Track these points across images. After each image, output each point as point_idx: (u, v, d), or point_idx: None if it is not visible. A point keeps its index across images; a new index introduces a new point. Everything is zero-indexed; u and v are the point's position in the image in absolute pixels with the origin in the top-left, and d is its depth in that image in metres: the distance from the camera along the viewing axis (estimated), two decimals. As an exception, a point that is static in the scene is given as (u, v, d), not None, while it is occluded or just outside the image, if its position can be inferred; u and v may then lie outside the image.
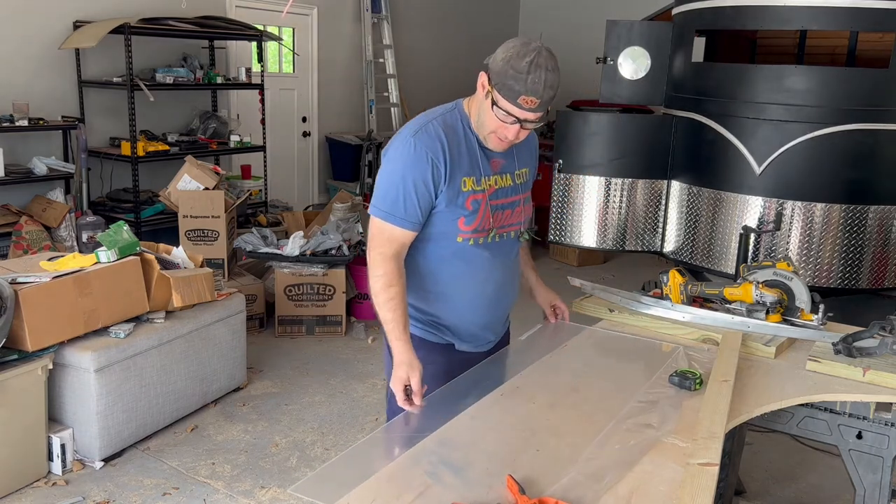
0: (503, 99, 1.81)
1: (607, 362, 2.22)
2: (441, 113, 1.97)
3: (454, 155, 1.92)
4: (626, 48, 4.14)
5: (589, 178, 4.17)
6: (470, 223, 1.97)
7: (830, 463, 3.36)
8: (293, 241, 4.76)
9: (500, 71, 1.79)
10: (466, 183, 1.94)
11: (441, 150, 1.90)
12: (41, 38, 5.06)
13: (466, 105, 1.99)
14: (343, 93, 7.62)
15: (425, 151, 1.88)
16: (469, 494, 1.44)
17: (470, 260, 2.00)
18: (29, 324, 2.96)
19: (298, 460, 3.37)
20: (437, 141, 1.90)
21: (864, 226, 3.63)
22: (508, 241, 2.10)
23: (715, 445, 1.60)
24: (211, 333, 3.72)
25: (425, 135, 1.90)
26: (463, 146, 1.94)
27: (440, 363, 2.05)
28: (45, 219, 4.80)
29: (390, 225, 1.91)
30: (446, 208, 1.93)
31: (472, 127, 1.96)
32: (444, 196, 1.92)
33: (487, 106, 1.86)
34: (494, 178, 2.01)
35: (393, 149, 1.94)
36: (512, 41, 1.83)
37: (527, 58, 1.77)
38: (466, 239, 1.98)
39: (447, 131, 1.92)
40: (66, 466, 3.19)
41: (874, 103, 3.54)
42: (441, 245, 1.99)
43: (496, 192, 2.01)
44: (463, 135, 1.95)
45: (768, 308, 2.35)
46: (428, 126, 1.92)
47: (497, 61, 1.81)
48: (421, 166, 1.88)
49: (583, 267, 6.82)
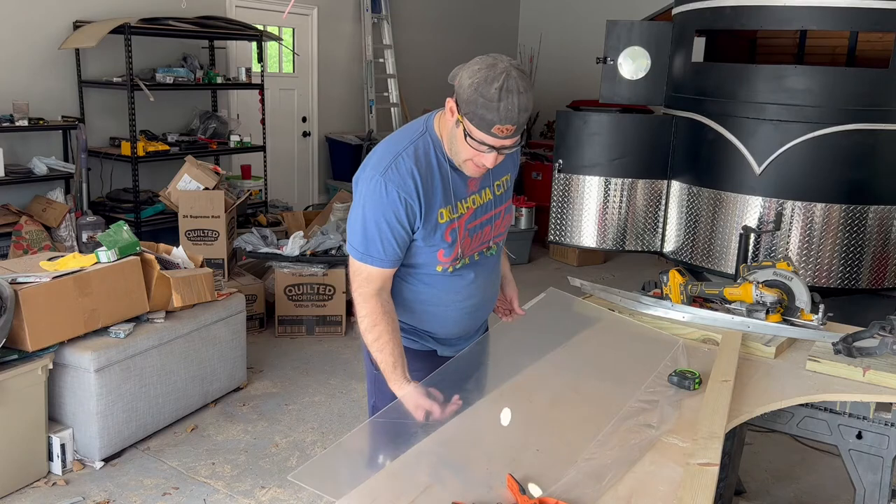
0: (476, 129, 1.67)
1: (607, 362, 2.22)
2: (411, 140, 1.82)
3: (428, 190, 1.80)
4: (626, 48, 4.14)
5: (589, 178, 4.17)
6: (449, 254, 1.89)
7: (830, 463, 3.36)
8: (293, 241, 4.76)
9: (469, 99, 1.65)
10: (443, 215, 1.84)
11: (414, 189, 1.78)
12: (41, 38, 5.06)
13: (437, 124, 1.85)
14: (343, 93, 7.62)
15: (397, 192, 1.76)
16: (469, 494, 1.44)
17: (451, 283, 1.95)
18: (29, 324, 2.96)
19: (298, 460, 3.37)
20: (410, 178, 1.77)
21: (864, 226, 3.63)
22: (487, 259, 2.02)
23: (715, 445, 1.60)
24: (211, 333, 3.72)
25: (396, 174, 1.77)
26: (437, 176, 1.82)
27: (424, 370, 2.00)
28: (45, 219, 4.80)
29: (366, 266, 1.83)
30: (423, 243, 1.85)
31: (445, 151, 1.83)
32: (420, 233, 1.83)
33: (460, 135, 1.73)
34: (472, 197, 1.90)
35: (363, 185, 1.81)
36: (477, 62, 1.68)
37: (495, 83, 1.62)
38: (445, 268, 1.91)
39: (419, 164, 1.79)
40: (66, 466, 3.18)
41: (874, 103, 3.54)
42: (421, 271, 1.93)
43: (475, 211, 1.92)
44: (436, 163, 1.82)
45: (768, 308, 2.35)
46: (398, 161, 1.78)
47: (464, 88, 1.66)
48: (394, 207, 1.77)
49: (583, 267, 6.82)
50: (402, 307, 1.98)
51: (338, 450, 1.67)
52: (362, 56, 7.71)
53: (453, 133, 1.76)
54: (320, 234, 4.86)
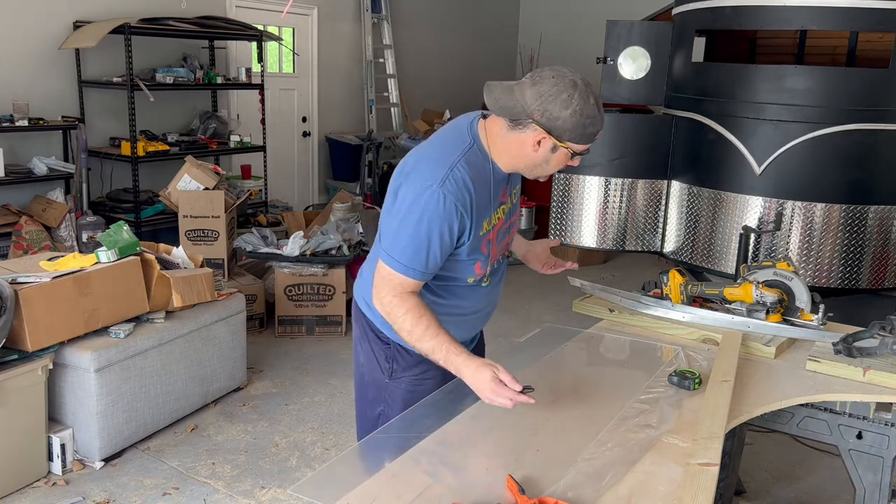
0: (580, 145, 1.75)
1: (607, 363, 2.22)
2: (463, 151, 1.81)
3: (479, 203, 1.82)
4: (626, 48, 4.14)
5: (589, 178, 4.17)
6: (484, 266, 1.92)
7: (830, 463, 3.35)
8: (293, 241, 4.76)
9: (576, 125, 1.70)
10: (484, 226, 1.87)
11: (469, 202, 1.78)
12: (41, 38, 5.06)
13: (482, 134, 1.85)
14: (343, 93, 7.62)
15: (455, 205, 1.75)
16: (469, 494, 1.44)
17: (474, 292, 1.98)
18: (29, 324, 2.96)
19: (298, 460, 3.37)
20: (466, 191, 1.77)
21: (864, 226, 3.63)
22: (504, 263, 2.09)
23: (715, 445, 1.60)
24: (211, 333, 3.71)
25: (454, 184, 1.76)
26: (485, 189, 1.84)
27: (437, 377, 2.02)
28: (45, 219, 4.80)
29: (405, 278, 1.81)
30: (467, 256, 1.87)
31: (495, 163, 1.85)
32: (466, 247, 1.84)
33: (559, 157, 1.77)
34: (502, 207, 1.93)
35: (416, 195, 1.77)
36: (556, 90, 1.68)
37: (589, 99, 1.70)
38: (477, 279, 1.94)
39: (473, 175, 1.79)
40: (66, 466, 3.18)
41: (874, 103, 3.54)
42: (451, 284, 1.95)
43: (505, 218, 1.96)
44: (486, 174, 1.84)
45: (768, 308, 2.35)
46: (455, 172, 1.77)
47: (565, 119, 1.69)
48: (450, 220, 1.76)
49: (583, 267, 6.82)
50: None
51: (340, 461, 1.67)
52: (362, 56, 7.71)
53: (546, 159, 1.78)
54: (320, 234, 4.86)
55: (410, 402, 1.98)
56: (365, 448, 1.80)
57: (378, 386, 2.10)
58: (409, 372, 2.05)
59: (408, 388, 2.05)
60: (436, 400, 1.91)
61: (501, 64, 9.75)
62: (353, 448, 1.74)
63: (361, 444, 1.80)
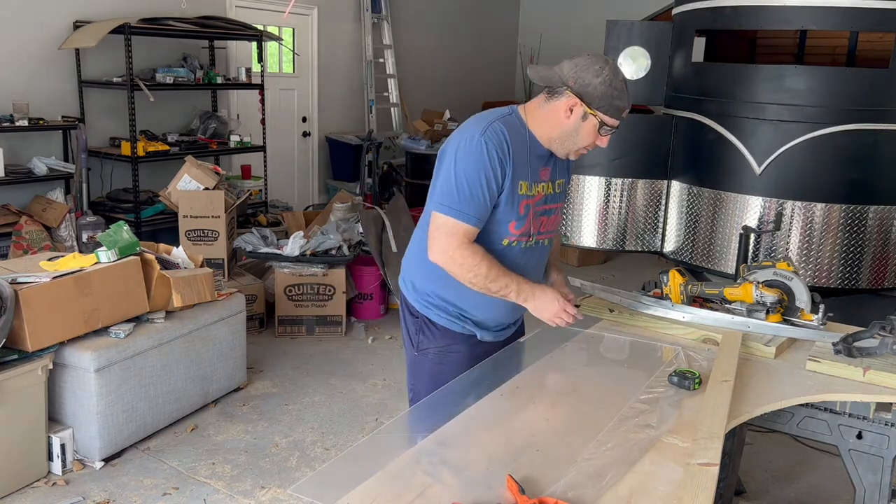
0: (610, 118, 1.94)
1: (607, 363, 2.22)
2: (501, 115, 2.02)
3: (517, 156, 1.98)
4: (626, 48, 4.14)
5: (589, 178, 4.17)
6: (519, 227, 2.04)
7: (830, 463, 3.35)
8: (293, 241, 4.76)
9: (604, 94, 1.90)
10: (522, 186, 2.01)
11: (507, 150, 1.96)
12: (41, 38, 5.06)
13: (522, 113, 2.04)
14: (343, 93, 7.62)
15: (495, 150, 1.94)
16: (469, 494, 1.44)
17: (506, 264, 2.04)
18: (29, 324, 2.96)
19: (298, 460, 3.37)
20: (504, 141, 1.96)
21: (864, 226, 3.63)
22: (541, 247, 2.17)
23: (715, 445, 1.60)
24: (211, 333, 3.72)
25: (493, 133, 1.95)
26: (523, 150, 2.00)
27: (462, 352, 2.15)
28: (45, 219, 4.80)
29: (461, 223, 1.95)
30: (503, 208, 1.99)
31: (532, 134, 2.02)
32: (505, 195, 1.98)
33: (588, 127, 1.96)
34: (542, 185, 2.08)
35: (459, 149, 1.96)
36: (588, 61, 1.92)
37: (619, 75, 1.92)
38: (511, 242, 2.04)
39: (511, 133, 1.98)
40: (66, 466, 3.18)
41: (874, 103, 3.54)
42: (486, 246, 2.02)
43: (544, 198, 2.08)
44: (523, 139, 2.01)
45: (768, 308, 2.35)
46: (494, 125, 1.97)
47: (595, 86, 1.90)
48: (493, 164, 1.94)
49: (583, 267, 6.82)
50: (448, 283, 2.06)
51: (340, 461, 1.67)
52: (362, 56, 7.71)
53: (576, 128, 1.97)
54: (320, 234, 4.86)
55: (438, 377, 2.09)
56: (365, 448, 1.80)
57: (410, 362, 2.23)
58: (433, 344, 2.16)
59: (434, 361, 2.16)
60: (435, 400, 1.91)
61: (501, 64, 9.75)
62: (353, 448, 1.74)
63: (361, 444, 1.81)
